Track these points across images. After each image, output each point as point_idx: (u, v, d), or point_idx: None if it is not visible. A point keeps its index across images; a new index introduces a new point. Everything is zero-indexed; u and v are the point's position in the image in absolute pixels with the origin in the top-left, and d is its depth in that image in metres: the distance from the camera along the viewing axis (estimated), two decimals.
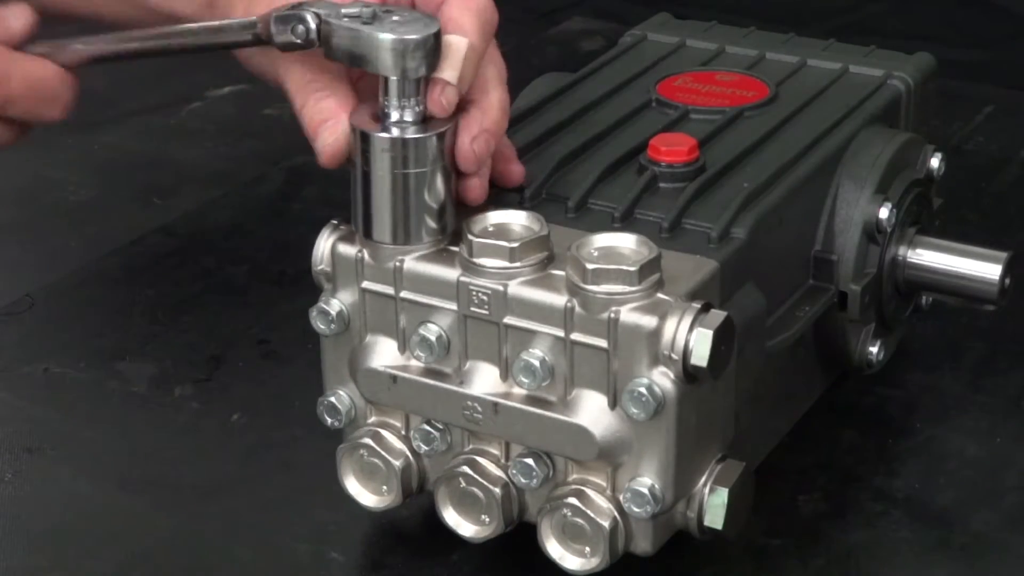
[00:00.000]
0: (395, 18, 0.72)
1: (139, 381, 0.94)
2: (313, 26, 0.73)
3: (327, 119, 0.74)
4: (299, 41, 0.73)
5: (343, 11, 0.73)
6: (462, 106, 0.74)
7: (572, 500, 0.72)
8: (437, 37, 0.72)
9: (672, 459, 0.71)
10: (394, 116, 0.72)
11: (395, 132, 0.72)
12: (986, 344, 0.95)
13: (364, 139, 0.72)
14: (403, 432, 0.77)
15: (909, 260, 0.86)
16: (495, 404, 0.73)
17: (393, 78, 0.71)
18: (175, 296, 1.03)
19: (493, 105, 0.75)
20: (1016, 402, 0.90)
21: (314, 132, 0.75)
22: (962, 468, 0.85)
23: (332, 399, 0.78)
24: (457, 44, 0.73)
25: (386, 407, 0.77)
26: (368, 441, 0.77)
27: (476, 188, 0.75)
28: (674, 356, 0.69)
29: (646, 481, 0.71)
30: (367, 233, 0.74)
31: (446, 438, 0.76)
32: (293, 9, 0.74)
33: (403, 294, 0.74)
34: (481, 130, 0.74)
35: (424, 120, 0.72)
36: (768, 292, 0.77)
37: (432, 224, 0.73)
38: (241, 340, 0.98)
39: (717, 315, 0.70)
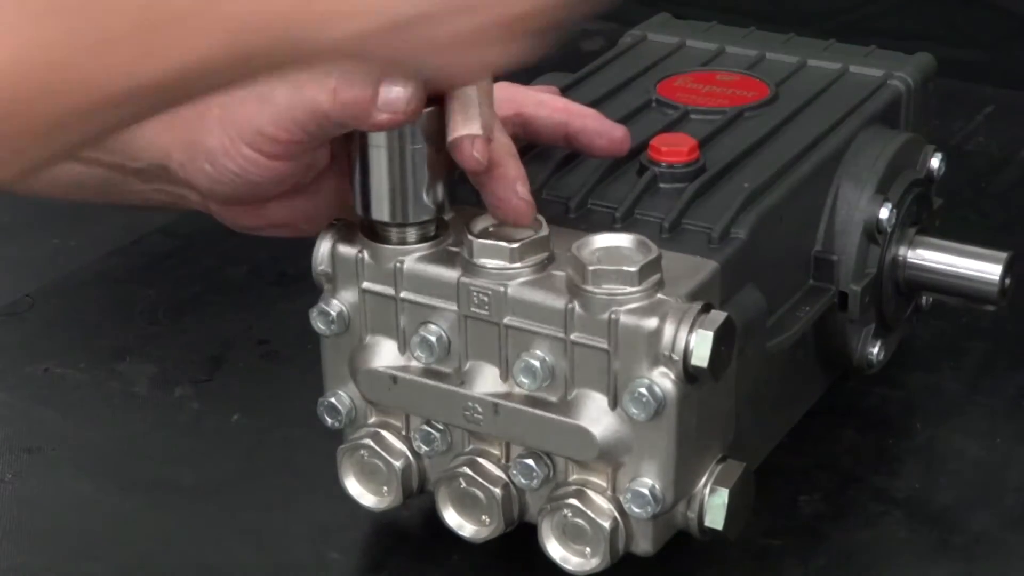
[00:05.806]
0: None
1: (139, 381, 0.94)
2: None
3: None
4: None
5: None
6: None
7: (572, 501, 0.72)
8: None
9: (673, 460, 0.71)
10: None
11: None
12: (986, 344, 0.95)
13: None
14: (403, 433, 0.77)
15: (909, 260, 0.86)
16: (495, 405, 0.73)
17: None
18: (175, 296, 1.03)
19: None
20: (1016, 402, 0.90)
21: None
22: (962, 468, 0.85)
23: (332, 399, 0.78)
24: (465, 93, 0.70)
25: (386, 408, 0.77)
26: (368, 442, 0.77)
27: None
28: (674, 357, 0.69)
29: (647, 481, 0.71)
30: (365, 208, 0.73)
31: (446, 439, 0.76)
32: None
33: (403, 295, 0.74)
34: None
35: None
36: (768, 292, 0.77)
37: (428, 200, 0.72)
38: (241, 340, 0.98)
39: (717, 316, 0.70)
